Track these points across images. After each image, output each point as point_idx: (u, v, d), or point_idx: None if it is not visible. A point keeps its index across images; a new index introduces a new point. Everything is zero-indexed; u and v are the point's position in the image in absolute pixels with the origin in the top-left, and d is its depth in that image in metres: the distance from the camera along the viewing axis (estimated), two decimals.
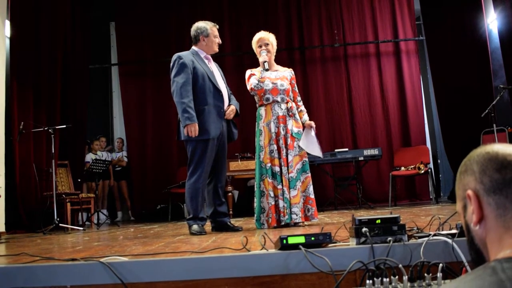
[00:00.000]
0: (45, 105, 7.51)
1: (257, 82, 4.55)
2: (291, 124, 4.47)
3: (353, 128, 9.33)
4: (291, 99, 4.58)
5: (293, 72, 4.76)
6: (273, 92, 4.52)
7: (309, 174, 4.48)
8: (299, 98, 4.71)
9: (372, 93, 9.38)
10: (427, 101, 9.74)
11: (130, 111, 9.73)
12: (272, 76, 4.60)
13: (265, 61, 4.53)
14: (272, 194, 4.38)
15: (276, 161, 4.45)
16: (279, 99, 4.50)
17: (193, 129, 3.99)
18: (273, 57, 4.70)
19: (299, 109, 4.64)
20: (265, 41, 4.64)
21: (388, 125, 9.29)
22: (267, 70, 4.55)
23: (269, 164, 4.45)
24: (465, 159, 1.15)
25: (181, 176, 8.25)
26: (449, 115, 8.59)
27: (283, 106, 4.49)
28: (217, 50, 4.44)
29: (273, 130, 4.49)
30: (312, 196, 4.42)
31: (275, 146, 4.47)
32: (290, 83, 4.60)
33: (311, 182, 4.46)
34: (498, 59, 7.59)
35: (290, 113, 4.50)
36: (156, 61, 9.45)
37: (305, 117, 4.65)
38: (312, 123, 4.60)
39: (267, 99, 4.54)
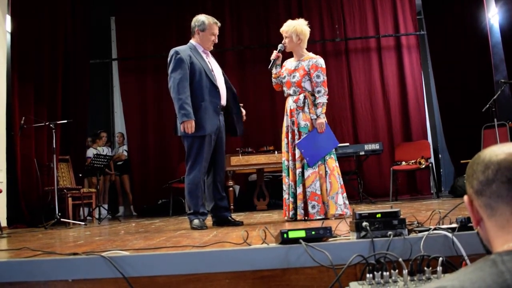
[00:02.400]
0: (46, 100, 7.50)
1: (272, 78, 4.65)
2: (300, 117, 4.41)
3: (354, 122, 9.33)
4: (306, 90, 4.44)
5: (317, 61, 4.46)
6: (287, 84, 4.53)
7: (316, 170, 4.34)
8: (317, 89, 4.40)
9: (373, 87, 9.38)
10: (428, 95, 9.72)
11: (131, 106, 9.73)
12: (292, 67, 4.54)
13: (272, 59, 4.56)
14: (284, 188, 4.50)
15: (286, 155, 4.50)
16: (291, 91, 4.49)
17: (190, 126, 3.99)
18: (300, 46, 4.53)
19: (316, 101, 4.40)
20: (283, 34, 4.56)
21: (389, 119, 9.28)
22: (270, 69, 4.57)
23: (283, 158, 4.55)
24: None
25: (181, 171, 8.22)
26: (450, 109, 8.58)
27: (295, 98, 4.45)
28: (211, 48, 4.36)
29: (285, 124, 4.55)
30: (319, 192, 4.31)
31: (286, 140, 4.51)
32: (308, 73, 4.42)
33: (318, 178, 4.33)
34: (499, 54, 7.58)
35: (298, 106, 4.42)
36: (157, 56, 9.44)
37: (318, 111, 4.38)
38: (319, 123, 4.36)
39: (284, 92, 4.59)
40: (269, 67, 4.58)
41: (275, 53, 4.55)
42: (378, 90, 9.37)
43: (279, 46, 4.56)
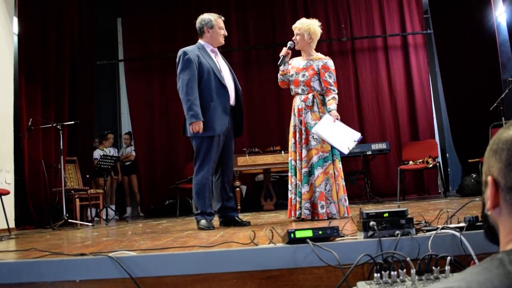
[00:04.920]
0: (53, 102, 7.54)
1: (279, 75, 4.63)
2: (308, 117, 4.39)
3: (361, 122, 9.31)
4: (315, 90, 4.44)
5: (327, 62, 4.47)
6: (294, 83, 4.51)
7: (326, 170, 4.30)
8: (331, 87, 4.40)
9: (380, 87, 9.36)
10: (435, 94, 9.69)
11: (137, 106, 9.75)
12: (301, 66, 4.52)
13: (282, 55, 4.54)
14: (290, 188, 4.47)
15: (293, 155, 4.48)
16: (299, 90, 4.47)
17: (198, 127, 3.99)
18: (310, 45, 4.54)
19: (329, 97, 4.39)
20: (295, 30, 4.55)
21: (396, 119, 9.26)
22: (279, 65, 4.56)
23: (290, 158, 4.52)
24: (500, 136, 1.05)
25: (189, 171, 8.24)
26: (457, 108, 8.55)
27: (302, 98, 4.44)
28: (223, 42, 4.38)
29: (292, 123, 4.53)
30: (325, 192, 4.27)
31: (293, 140, 4.49)
32: (319, 73, 4.42)
33: (328, 178, 4.31)
34: (506, 52, 7.54)
35: (307, 105, 4.40)
36: (163, 56, 9.47)
37: (332, 106, 4.34)
38: (335, 115, 4.31)
39: (291, 90, 4.57)
40: (278, 63, 4.57)
41: (285, 49, 4.53)
42: (385, 90, 9.35)
43: (289, 43, 4.54)
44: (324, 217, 4.23)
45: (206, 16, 4.35)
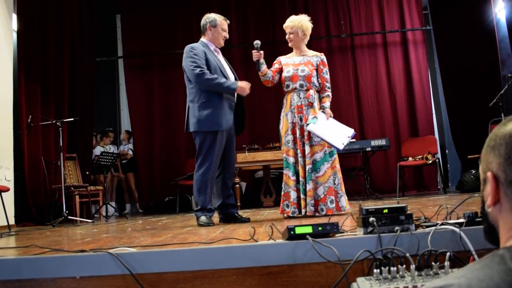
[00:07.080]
0: (53, 98, 7.52)
1: (260, 77, 4.62)
2: (310, 113, 4.38)
3: (361, 118, 9.31)
4: (314, 86, 4.45)
5: (323, 58, 4.58)
6: (292, 78, 4.47)
7: (333, 164, 4.34)
8: (328, 85, 4.51)
9: (379, 83, 9.36)
10: (434, 91, 9.69)
11: (137, 103, 9.75)
12: (297, 61, 4.53)
13: (255, 60, 4.50)
14: (290, 184, 4.43)
15: (291, 152, 4.45)
16: (297, 85, 4.44)
17: (245, 85, 4.20)
18: (303, 41, 4.57)
19: (324, 94, 4.49)
20: (287, 30, 4.58)
21: (395, 115, 9.26)
22: (258, 69, 4.54)
23: (284, 154, 4.51)
24: (497, 132, 1.05)
25: (189, 168, 8.26)
26: (457, 105, 8.54)
27: (302, 94, 4.43)
28: (222, 44, 4.43)
29: (290, 120, 4.50)
30: (333, 186, 4.30)
31: (291, 137, 4.47)
32: (317, 69, 4.47)
33: (335, 172, 4.35)
34: (506, 48, 7.53)
35: (308, 102, 4.40)
36: (163, 53, 9.45)
37: (326, 104, 4.47)
38: (329, 113, 4.43)
39: (287, 86, 4.53)
40: (257, 68, 4.54)
41: (255, 53, 4.49)
42: (384, 86, 9.35)
43: (255, 44, 4.49)
44: (334, 212, 4.24)
45: (212, 15, 4.40)
